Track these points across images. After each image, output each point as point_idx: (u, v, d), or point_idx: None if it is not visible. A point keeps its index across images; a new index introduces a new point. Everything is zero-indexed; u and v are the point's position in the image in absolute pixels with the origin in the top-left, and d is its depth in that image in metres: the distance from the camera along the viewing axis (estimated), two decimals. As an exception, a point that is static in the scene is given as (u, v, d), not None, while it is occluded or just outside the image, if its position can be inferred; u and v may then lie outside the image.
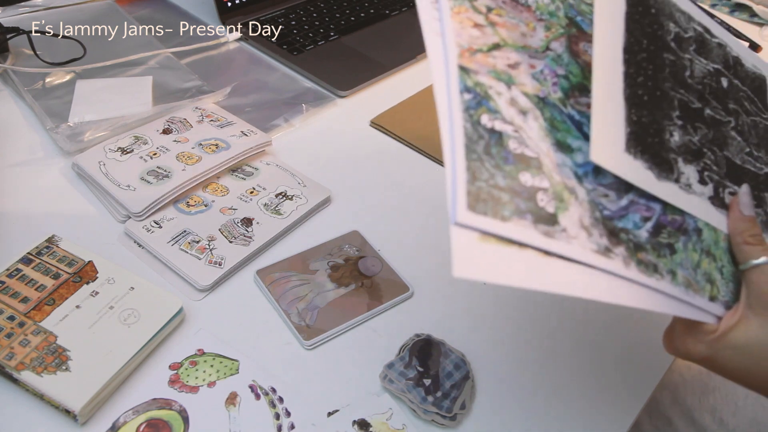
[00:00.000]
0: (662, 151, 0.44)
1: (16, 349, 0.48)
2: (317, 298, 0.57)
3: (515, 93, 0.39)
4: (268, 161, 0.71)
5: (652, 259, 0.41)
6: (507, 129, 0.37)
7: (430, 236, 0.66)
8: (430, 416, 0.49)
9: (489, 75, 0.39)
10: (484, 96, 0.38)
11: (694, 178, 0.46)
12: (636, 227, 0.41)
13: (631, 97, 0.44)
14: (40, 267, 0.54)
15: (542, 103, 0.40)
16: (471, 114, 0.36)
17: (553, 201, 0.37)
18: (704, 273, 0.43)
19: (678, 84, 0.48)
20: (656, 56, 0.47)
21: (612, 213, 0.40)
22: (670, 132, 0.46)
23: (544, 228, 0.36)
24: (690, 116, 0.48)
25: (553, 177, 0.38)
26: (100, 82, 0.78)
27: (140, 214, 0.61)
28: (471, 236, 0.34)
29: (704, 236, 0.45)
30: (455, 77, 0.37)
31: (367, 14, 1.01)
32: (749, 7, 1.22)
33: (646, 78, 0.45)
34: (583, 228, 0.38)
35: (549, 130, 0.39)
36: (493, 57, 0.40)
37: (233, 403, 0.49)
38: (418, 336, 0.55)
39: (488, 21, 0.41)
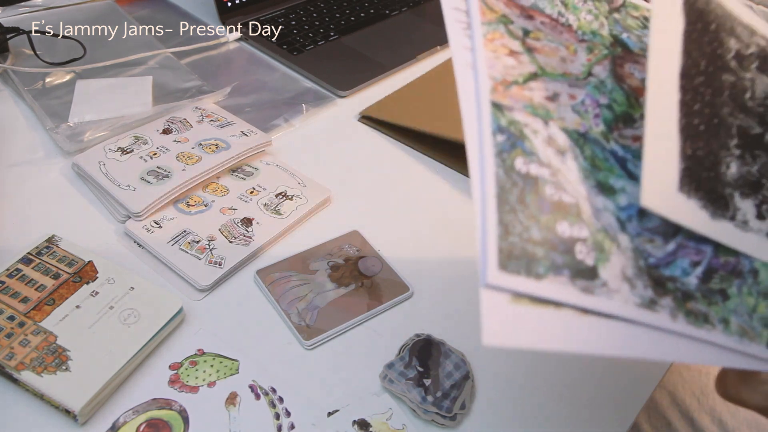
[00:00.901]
0: (718, 186, 0.41)
1: (16, 349, 0.48)
2: (317, 298, 0.57)
3: (553, 130, 0.36)
4: (268, 161, 0.71)
5: (702, 309, 0.37)
6: (543, 173, 0.34)
7: (430, 236, 0.66)
8: (430, 416, 0.49)
9: (525, 111, 0.36)
10: (519, 136, 0.35)
11: (752, 214, 0.42)
12: (685, 274, 0.37)
13: (686, 128, 0.40)
14: (40, 267, 0.54)
15: (583, 140, 0.37)
16: (504, 158, 0.33)
17: (592, 252, 0.34)
18: (761, 318, 0.40)
19: (737, 108, 0.45)
20: (715, 78, 0.43)
21: (658, 260, 0.37)
22: (727, 164, 0.42)
23: (583, 283, 0.33)
24: (749, 144, 0.44)
25: (592, 225, 0.35)
26: (100, 82, 0.78)
27: (140, 214, 0.61)
28: (502, 298, 0.31)
29: (761, 277, 0.41)
30: (488, 116, 0.34)
31: (367, 14, 1.01)
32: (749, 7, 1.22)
33: (703, 104, 0.42)
34: (626, 280, 0.34)
35: (590, 170, 0.36)
36: (530, 89, 0.37)
37: (233, 403, 0.49)
38: (418, 336, 0.55)
39: (525, 47, 0.39)
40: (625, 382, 0.55)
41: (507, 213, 0.32)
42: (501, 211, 0.32)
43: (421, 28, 1.01)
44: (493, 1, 0.39)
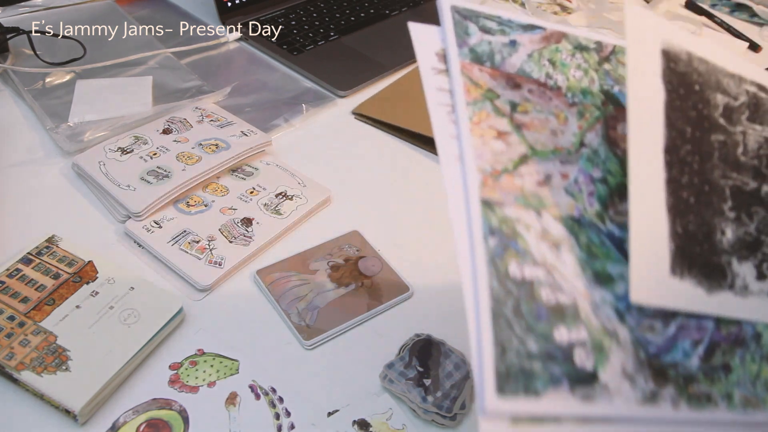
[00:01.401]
0: (713, 257, 0.39)
1: (16, 349, 0.48)
2: (317, 298, 0.57)
3: (546, 221, 0.35)
4: (268, 161, 0.71)
5: (704, 389, 0.36)
6: (538, 274, 0.33)
7: (430, 236, 0.66)
8: (430, 416, 0.49)
9: (516, 204, 0.35)
10: (511, 236, 0.33)
11: (752, 276, 0.41)
12: (686, 357, 0.36)
13: (675, 205, 0.38)
14: (40, 267, 0.54)
15: (578, 226, 0.36)
16: (497, 265, 0.32)
17: (592, 354, 0.33)
18: (765, 382, 0.39)
19: (729, 167, 0.43)
20: (703, 143, 0.42)
21: (659, 348, 0.36)
22: (722, 230, 0.41)
23: (583, 391, 0.32)
24: (744, 202, 0.43)
25: (591, 323, 0.34)
26: (100, 82, 0.78)
27: (140, 214, 0.61)
28: (502, 424, 0.30)
29: (765, 340, 0.40)
30: (478, 218, 0.33)
31: (367, 14, 1.01)
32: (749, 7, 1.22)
33: (692, 175, 0.40)
34: (626, 377, 0.34)
35: (586, 261, 0.35)
36: (520, 176, 0.35)
37: (233, 403, 0.49)
38: (418, 336, 0.55)
39: (513, 124, 0.37)
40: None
41: (503, 329, 0.31)
42: (497, 328, 0.31)
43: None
44: (478, 75, 0.37)
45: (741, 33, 1.15)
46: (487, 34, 0.39)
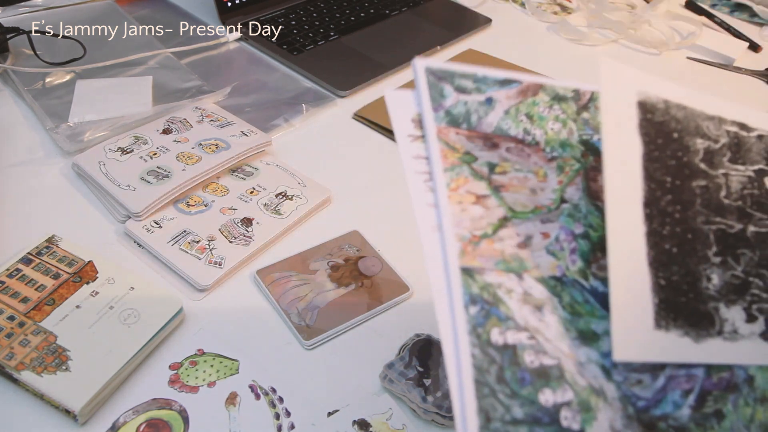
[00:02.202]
0: (700, 305, 0.39)
1: (16, 349, 0.48)
2: (317, 298, 0.57)
3: (528, 284, 0.35)
4: (268, 161, 0.71)
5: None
6: (521, 339, 0.33)
7: (430, 236, 0.66)
8: (430, 416, 0.49)
9: (497, 269, 0.34)
10: (492, 303, 0.33)
11: (741, 319, 0.41)
12: (676, 408, 0.36)
13: (657, 258, 0.38)
14: (40, 267, 0.54)
15: (560, 286, 0.36)
16: (479, 334, 0.32)
17: (578, 414, 0.33)
18: (760, 424, 0.39)
19: (713, 212, 0.43)
20: (684, 190, 0.41)
21: (648, 402, 0.35)
22: (708, 276, 0.41)
23: None
24: (730, 245, 0.43)
25: (577, 383, 0.33)
26: (100, 82, 0.78)
27: (140, 214, 0.61)
28: None
29: (757, 383, 0.40)
30: (458, 287, 0.33)
31: (367, 14, 1.01)
32: (749, 7, 1.22)
33: (674, 224, 0.40)
34: (611, 425, 0.33)
35: (570, 320, 0.35)
36: (500, 240, 0.35)
37: (233, 403, 0.49)
38: (418, 336, 0.55)
39: (491, 187, 0.37)
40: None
41: (486, 398, 0.31)
42: (480, 396, 0.31)
43: (421, 28, 1.01)
44: (455, 139, 0.37)
45: (741, 33, 1.15)
46: (462, 93, 0.38)
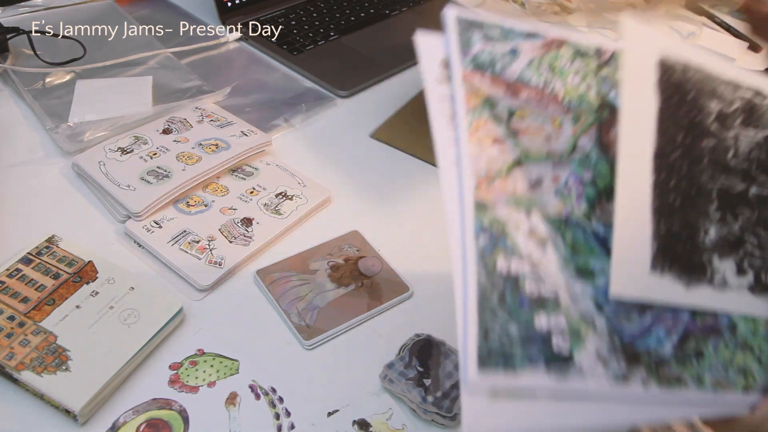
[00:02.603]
0: (695, 256, 0.42)
1: (16, 349, 0.48)
2: (317, 298, 0.57)
3: (535, 221, 0.38)
4: (268, 161, 0.71)
5: (675, 372, 0.39)
6: (523, 269, 0.36)
7: (430, 236, 0.66)
8: (430, 416, 0.49)
9: (507, 205, 0.37)
10: (500, 234, 0.36)
11: (731, 271, 0.43)
12: (659, 344, 0.39)
13: (660, 208, 0.40)
14: (40, 267, 0.54)
15: (564, 226, 0.38)
16: (486, 261, 0.35)
17: (568, 339, 0.36)
18: (738, 368, 0.41)
19: (719, 171, 0.45)
20: (693, 148, 0.44)
21: (633, 336, 0.38)
22: (706, 230, 0.43)
23: (558, 371, 0.35)
24: (730, 203, 0.45)
25: (570, 312, 0.37)
26: (100, 82, 0.78)
27: (140, 214, 0.61)
28: (481, 396, 0.33)
29: (740, 331, 0.42)
30: (470, 218, 0.36)
31: (367, 14, 1.01)
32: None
33: (680, 178, 0.42)
34: (600, 360, 0.36)
35: (570, 257, 0.38)
36: (513, 179, 0.38)
37: (233, 403, 0.49)
38: (418, 336, 0.55)
39: (509, 130, 0.39)
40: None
41: (487, 317, 0.34)
42: (481, 315, 0.34)
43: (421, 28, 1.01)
44: (479, 83, 0.39)
45: (741, 33, 1.14)
46: (489, 42, 0.40)
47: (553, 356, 0.35)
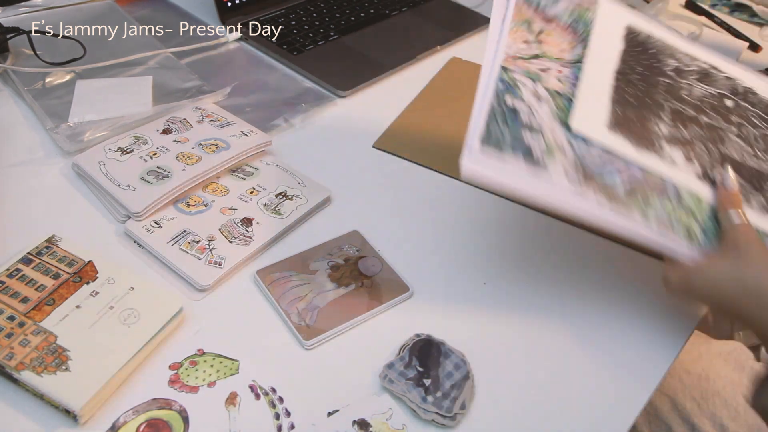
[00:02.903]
0: (645, 134, 0.55)
1: (16, 349, 0.48)
2: (317, 298, 0.57)
3: (539, 87, 0.54)
4: (268, 161, 0.71)
5: (624, 201, 0.51)
6: (523, 108, 0.52)
7: (430, 236, 0.66)
8: (430, 416, 0.49)
9: (522, 74, 0.54)
10: (513, 86, 0.53)
11: (679, 156, 0.55)
12: (612, 180, 0.52)
13: (618, 100, 0.56)
14: (40, 267, 0.54)
15: (558, 96, 0.54)
16: (499, 96, 0.52)
17: (544, 153, 0.51)
18: (681, 222, 0.53)
19: (673, 98, 0.58)
20: (651, 78, 0.58)
21: (594, 167, 0.52)
22: (657, 125, 0.56)
23: (532, 165, 0.50)
24: (682, 119, 0.57)
25: (548, 137, 0.52)
26: (100, 82, 0.78)
27: (140, 214, 0.61)
28: (478, 154, 0.49)
29: (685, 200, 0.54)
30: (496, 73, 0.53)
31: (367, 14, 1.01)
32: (749, 7, 1.22)
33: (637, 90, 0.57)
34: (565, 174, 0.51)
35: (556, 113, 0.53)
36: (531, 63, 0.55)
37: (233, 403, 0.49)
38: (418, 336, 0.55)
39: (537, 39, 0.57)
40: (624, 386, 0.55)
41: (492, 125, 0.51)
42: (488, 123, 0.51)
43: (421, 28, 1.01)
44: (525, 9, 0.58)
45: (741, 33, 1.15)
46: None
47: (531, 157, 0.50)
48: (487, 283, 0.62)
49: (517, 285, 0.62)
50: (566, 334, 0.58)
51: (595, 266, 0.65)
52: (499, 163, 0.49)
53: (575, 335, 0.58)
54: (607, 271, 0.65)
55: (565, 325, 0.59)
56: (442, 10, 1.08)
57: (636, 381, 0.55)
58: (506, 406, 0.52)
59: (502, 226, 0.69)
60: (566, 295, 0.62)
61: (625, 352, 0.57)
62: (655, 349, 0.58)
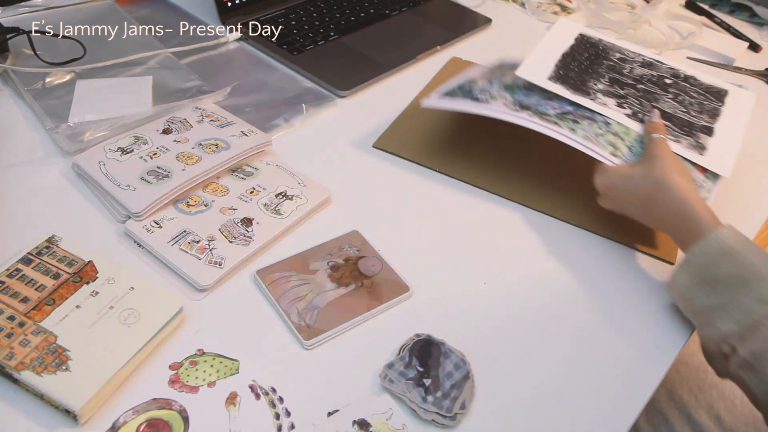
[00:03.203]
0: (582, 87, 0.69)
1: (16, 349, 0.48)
2: (317, 298, 0.57)
3: (494, 82, 0.72)
4: (268, 161, 0.71)
5: (554, 119, 0.66)
6: (478, 86, 0.72)
7: (430, 236, 0.66)
8: (430, 416, 0.49)
9: (484, 80, 0.74)
10: (473, 82, 0.74)
11: (612, 103, 0.68)
12: (545, 109, 0.67)
13: (561, 66, 0.71)
14: (40, 267, 0.54)
15: (507, 87, 0.71)
16: (462, 85, 0.74)
17: (488, 98, 0.69)
18: (607, 140, 0.65)
19: (614, 72, 0.71)
20: (595, 60, 0.73)
21: (528, 103, 0.68)
22: (594, 84, 0.70)
23: (476, 102, 0.69)
24: (620, 83, 0.70)
25: (492, 93, 0.70)
26: (100, 82, 0.78)
27: (140, 214, 0.61)
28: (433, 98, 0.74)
29: (613, 126, 0.66)
30: (458, 81, 0.76)
31: (367, 14, 1.01)
32: (749, 7, 1.22)
33: (580, 64, 0.72)
34: (503, 103, 0.68)
35: (505, 87, 0.71)
36: (488, 76, 0.75)
37: (233, 403, 0.49)
38: (418, 336, 0.55)
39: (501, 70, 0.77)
40: (625, 384, 0.55)
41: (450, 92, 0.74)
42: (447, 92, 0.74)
43: (421, 28, 1.01)
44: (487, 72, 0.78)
45: (741, 33, 1.15)
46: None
47: (478, 100, 0.69)
48: (487, 283, 0.62)
49: (517, 285, 0.62)
50: (566, 333, 0.58)
51: (595, 266, 0.65)
52: (450, 101, 0.71)
53: (575, 335, 0.58)
54: (608, 270, 0.65)
55: (566, 325, 0.59)
56: (442, 10, 1.08)
57: (636, 380, 0.55)
58: (506, 406, 0.52)
59: (502, 226, 0.69)
60: (566, 294, 0.62)
61: (626, 352, 0.57)
62: (656, 349, 0.58)
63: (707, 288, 0.55)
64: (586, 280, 0.64)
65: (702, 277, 0.55)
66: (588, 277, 0.64)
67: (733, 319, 0.52)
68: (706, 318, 0.55)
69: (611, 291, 0.63)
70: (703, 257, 0.55)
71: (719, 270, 0.54)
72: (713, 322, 0.54)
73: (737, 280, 0.53)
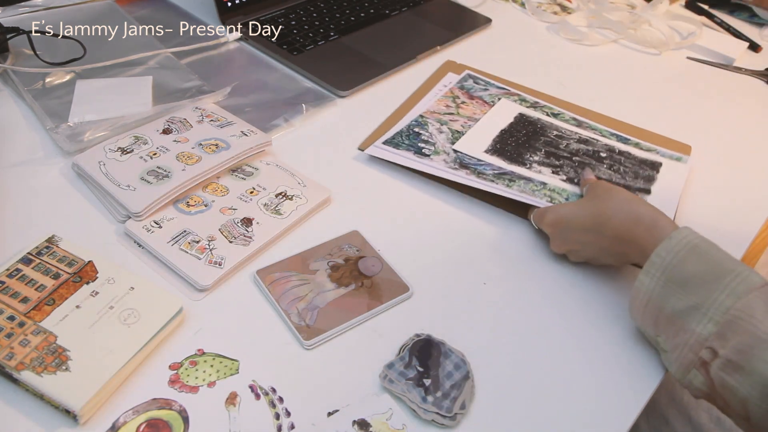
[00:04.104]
0: (518, 158, 0.74)
1: (16, 349, 0.48)
2: (317, 298, 0.57)
3: (443, 127, 0.78)
4: (268, 161, 0.71)
5: (491, 179, 0.70)
6: (425, 133, 0.77)
7: (430, 236, 0.66)
8: (430, 416, 0.49)
9: (434, 120, 0.79)
10: (424, 123, 0.78)
11: (548, 172, 0.72)
12: (483, 170, 0.71)
13: (498, 141, 0.76)
14: (40, 267, 0.54)
15: (456, 132, 0.77)
16: (410, 126, 0.78)
17: (432, 152, 0.73)
18: (544, 194, 0.68)
19: (550, 147, 0.76)
20: (532, 136, 0.78)
21: (467, 163, 0.72)
22: (531, 156, 0.74)
23: (419, 155, 0.73)
24: (556, 155, 0.75)
25: (438, 148, 0.74)
26: (100, 82, 0.78)
27: (140, 214, 0.61)
28: (378, 146, 0.74)
29: (549, 185, 0.70)
30: (413, 117, 0.80)
31: (367, 14, 1.01)
32: (749, 8, 1.22)
33: (517, 140, 0.77)
34: (444, 160, 0.72)
35: (451, 139, 0.76)
36: (444, 116, 0.80)
37: (233, 403, 0.49)
38: (418, 336, 0.55)
39: (456, 104, 0.83)
40: (625, 384, 0.55)
41: (396, 137, 0.76)
42: (394, 136, 0.76)
43: (421, 28, 1.01)
44: (456, 91, 0.86)
45: (741, 33, 1.15)
46: None
47: (420, 153, 0.73)
48: (487, 283, 0.62)
49: (517, 285, 0.62)
50: (566, 333, 0.58)
51: (595, 266, 0.65)
52: (393, 153, 0.73)
53: (575, 335, 0.58)
54: (608, 270, 0.65)
55: (566, 325, 0.59)
56: (442, 10, 1.08)
57: (636, 381, 0.55)
58: (506, 406, 0.52)
59: (501, 227, 0.69)
60: (566, 294, 0.62)
61: (626, 352, 0.57)
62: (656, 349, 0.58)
63: (677, 289, 0.52)
64: (586, 280, 0.64)
65: (669, 277, 0.52)
66: (588, 277, 0.64)
67: (709, 319, 0.49)
68: (679, 322, 0.51)
69: (611, 290, 0.63)
70: (669, 256, 0.52)
71: (687, 268, 0.51)
72: (687, 325, 0.51)
73: (708, 276, 0.50)
